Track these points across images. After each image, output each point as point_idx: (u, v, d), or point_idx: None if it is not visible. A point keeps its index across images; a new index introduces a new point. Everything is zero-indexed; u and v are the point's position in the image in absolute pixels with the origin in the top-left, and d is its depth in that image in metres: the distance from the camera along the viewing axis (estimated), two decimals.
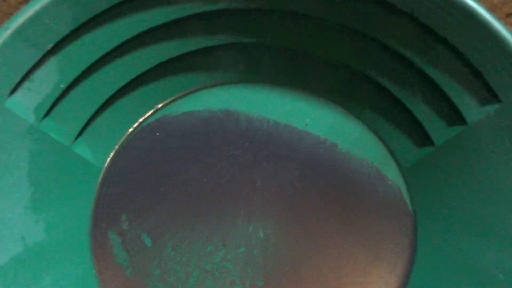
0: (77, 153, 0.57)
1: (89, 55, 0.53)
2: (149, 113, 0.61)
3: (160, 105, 0.62)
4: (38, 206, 0.54)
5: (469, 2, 0.47)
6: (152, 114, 0.62)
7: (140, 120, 0.61)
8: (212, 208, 0.60)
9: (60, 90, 0.53)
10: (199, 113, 0.62)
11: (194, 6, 0.54)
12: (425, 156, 0.58)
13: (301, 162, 0.61)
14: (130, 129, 0.61)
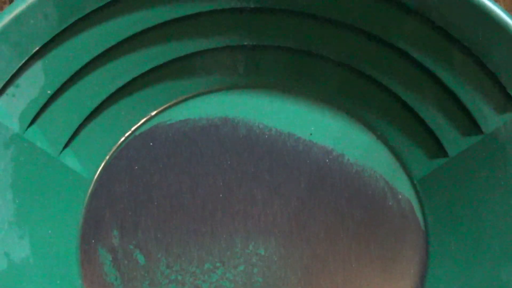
0: (65, 163, 0.56)
1: (78, 59, 0.52)
2: (142, 121, 0.60)
3: (154, 112, 0.60)
4: (23, 220, 0.53)
5: (486, 3, 0.47)
6: (145, 122, 0.60)
7: (133, 128, 0.60)
8: (208, 223, 0.59)
9: (46, 96, 0.52)
10: (195, 121, 0.60)
11: (190, 6, 0.53)
12: (438, 168, 0.57)
13: (306, 174, 0.60)
14: (122, 138, 0.60)
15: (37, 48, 0.49)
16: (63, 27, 0.49)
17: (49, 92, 0.52)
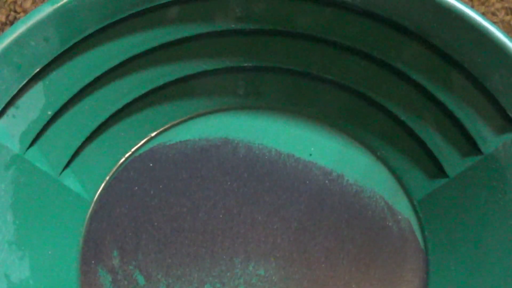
0: (65, 184, 0.57)
1: (78, 80, 0.52)
2: (142, 142, 0.61)
3: (154, 133, 0.61)
4: (23, 241, 0.53)
5: (485, 24, 0.47)
6: (145, 143, 0.61)
7: (133, 149, 0.61)
8: (208, 245, 0.59)
9: (47, 117, 0.52)
10: (195, 142, 0.61)
11: (191, 27, 0.54)
12: (437, 189, 0.57)
13: (306, 195, 0.60)
14: (122, 159, 0.60)
15: (37, 69, 0.48)
16: (64, 49, 0.49)
17: (49, 113, 0.52)
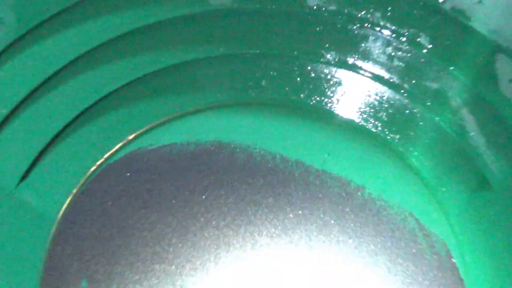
0: (22, 199, 0.53)
1: (37, 72, 0.51)
2: (116, 147, 0.57)
3: (132, 136, 0.57)
4: None
5: None
6: (121, 148, 0.57)
7: (106, 156, 0.57)
8: (199, 275, 0.53)
9: (0, 116, 0.51)
10: (182, 146, 0.58)
11: (177, 6, 0.52)
12: (479, 204, 0.55)
13: (319, 212, 0.55)
14: (92, 168, 0.56)
15: None
16: (21, 33, 0.47)
17: (4, 111, 0.50)
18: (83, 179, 0.56)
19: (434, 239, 0.55)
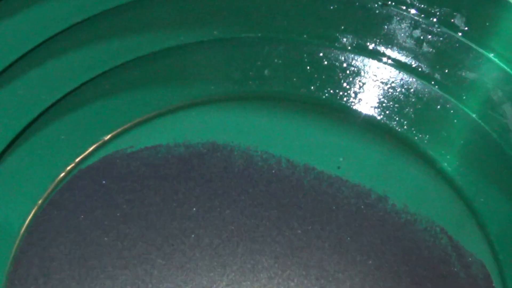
0: None
1: None
2: (90, 149, 0.53)
3: (108, 136, 0.54)
4: None
5: None
6: (95, 151, 0.54)
7: (77, 160, 0.53)
8: None
9: None
10: (169, 148, 0.55)
11: None
12: None
13: (332, 226, 0.52)
14: (62, 174, 0.53)
15: None
16: None
17: None
18: (50, 188, 0.53)
19: (470, 260, 0.53)
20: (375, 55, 0.55)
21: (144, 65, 0.55)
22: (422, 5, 0.51)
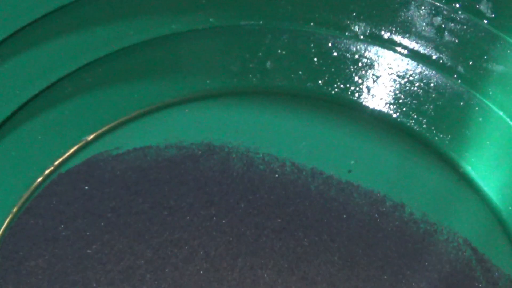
0: None
1: None
2: (71, 150, 0.51)
3: (91, 136, 0.52)
4: None
5: None
6: (77, 152, 0.52)
7: (56, 162, 0.51)
8: None
9: None
10: (160, 150, 0.53)
11: None
12: None
13: (343, 237, 0.50)
14: (39, 179, 0.51)
15: None
16: None
17: None
18: (26, 194, 0.52)
19: (496, 275, 0.51)
20: (391, 45, 0.52)
21: (131, 57, 0.53)
22: None
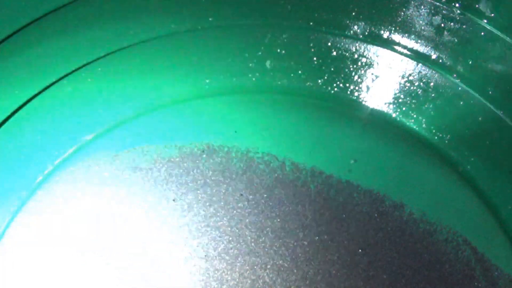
0: None
1: None
2: (70, 150, 0.51)
3: (90, 136, 0.52)
4: None
5: None
6: (76, 152, 0.51)
7: (56, 162, 0.51)
8: None
9: None
10: (159, 149, 0.53)
11: None
12: None
13: (342, 237, 0.51)
14: (38, 179, 0.50)
15: None
16: None
17: None
18: (26, 194, 0.51)
19: (496, 274, 0.51)
20: (390, 44, 0.53)
21: (129, 57, 0.54)
22: None
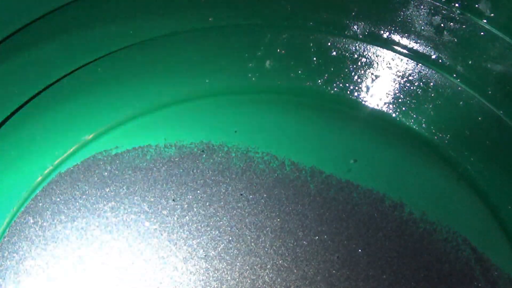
0: None
1: None
2: (70, 150, 0.51)
3: (90, 136, 0.52)
4: None
5: None
6: (76, 152, 0.51)
7: (55, 162, 0.51)
8: None
9: None
10: (159, 149, 0.53)
11: None
12: None
13: (342, 237, 0.51)
14: (38, 178, 0.51)
15: None
16: None
17: None
18: (26, 194, 0.51)
19: (496, 274, 0.51)
20: (390, 44, 0.53)
21: (131, 57, 0.53)
22: None
